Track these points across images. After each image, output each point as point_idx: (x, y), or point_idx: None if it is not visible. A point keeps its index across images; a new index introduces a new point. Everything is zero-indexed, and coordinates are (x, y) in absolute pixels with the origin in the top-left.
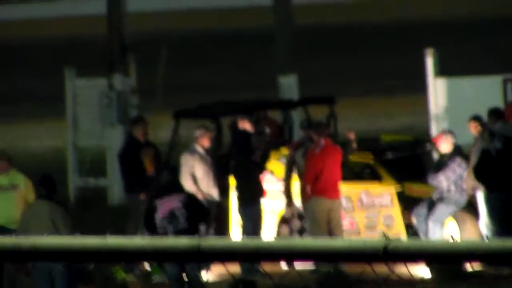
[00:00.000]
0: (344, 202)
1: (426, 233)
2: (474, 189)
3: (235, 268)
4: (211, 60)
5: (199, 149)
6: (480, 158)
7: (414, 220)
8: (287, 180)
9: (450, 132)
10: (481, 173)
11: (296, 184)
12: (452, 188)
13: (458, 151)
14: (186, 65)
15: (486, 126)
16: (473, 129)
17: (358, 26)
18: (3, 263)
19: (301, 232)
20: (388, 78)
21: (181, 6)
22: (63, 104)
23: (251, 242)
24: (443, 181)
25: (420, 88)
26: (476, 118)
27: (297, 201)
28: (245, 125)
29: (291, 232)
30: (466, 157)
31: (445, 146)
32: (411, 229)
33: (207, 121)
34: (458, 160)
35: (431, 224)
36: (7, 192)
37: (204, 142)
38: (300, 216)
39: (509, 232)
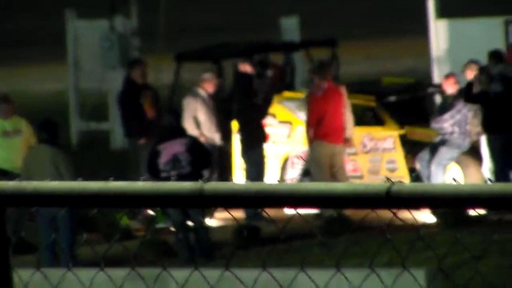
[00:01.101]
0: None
1: (429, 178)
2: (478, 134)
3: (239, 213)
4: (213, 2)
5: (202, 92)
6: (479, 101)
7: (417, 165)
8: None
9: (454, 74)
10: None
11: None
12: (456, 130)
13: (462, 93)
14: (188, 7)
15: (485, 69)
16: (470, 73)
17: None
18: (5, 208)
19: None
20: (390, 20)
21: None
22: (65, 46)
23: (254, 186)
24: (449, 120)
25: (421, 30)
26: (473, 62)
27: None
28: (246, 68)
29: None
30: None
31: (450, 88)
32: (414, 174)
33: (209, 63)
34: (463, 101)
35: (433, 168)
36: (11, 137)
37: (208, 87)
38: None
39: (509, 174)
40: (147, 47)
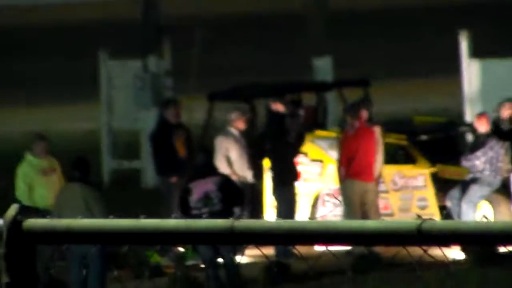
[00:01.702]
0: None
1: (459, 215)
2: (508, 171)
3: (269, 250)
4: (246, 43)
5: (234, 131)
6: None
7: (448, 203)
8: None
9: (486, 113)
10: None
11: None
12: (487, 168)
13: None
14: (221, 48)
15: None
16: (505, 111)
17: (393, 9)
18: (35, 246)
19: None
20: (422, 61)
21: None
22: (97, 86)
23: (285, 223)
24: (481, 157)
25: (454, 70)
26: (509, 100)
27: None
28: (278, 107)
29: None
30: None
31: (482, 126)
32: (445, 211)
33: (241, 103)
34: (495, 139)
35: (464, 206)
36: (49, 175)
37: (239, 125)
38: None
39: None
40: (179, 87)
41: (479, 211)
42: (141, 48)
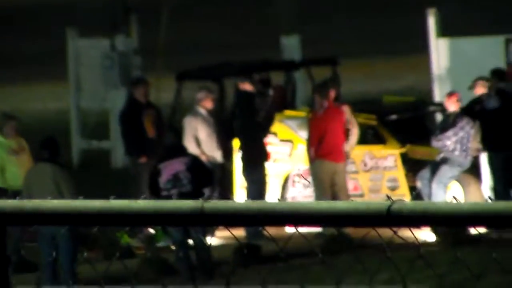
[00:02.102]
0: (347, 164)
1: (429, 196)
2: (477, 151)
3: (239, 231)
4: (213, 21)
5: (202, 111)
6: (479, 118)
7: (418, 183)
8: None
9: (457, 92)
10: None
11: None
12: (457, 148)
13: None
14: (188, 26)
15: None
16: (479, 89)
17: None
18: (5, 227)
19: None
20: (391, 39)
21: None
22: (66, 65)
23: (255, 204)
24: (451, 137)
25: (422, 49)
26: (482, 79)
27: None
28: (246, 87)
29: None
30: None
31: (452, 105)
32: (415, 192)
33: (210, 82)
34: (466, 118)
35: (434, 186)
36: (20, 155)
37: (207, 104)
38: None
39: (510, 192)
40: (148, 65)
41: (449, 192)
42: (109, 26)
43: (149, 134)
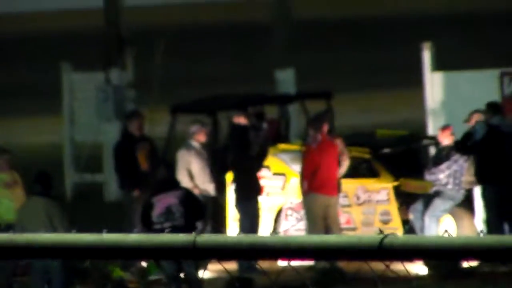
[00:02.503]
0: (340, 198)
1: (422, 229)
2: (470, 184)
3: (232, 265)
4: (208, 54)
5: (195, 144)
6: (473, 152)
7: (411, 216)
8: None
9: (450, 126)
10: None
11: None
12: (450, 182)
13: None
14: (183, 59)
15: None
16: (474, 121)
17: (355, 20)
18: None
19: None
20: (385, 73)
21: (178, 0)
22: (60, 98)
23: (246, 238)
24: (445, 171)
25: (417, 83)
26: (478, 111)
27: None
28: (240, 120)
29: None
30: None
31: (446, 139)
32: (407, 226)
33: (204, 115)
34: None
35: (427, 219)
36: (14, 188)
37: (199, 138)
38: None
39: (503, 225)
40: (142, 99)
41: (441, 225)
42: (104, 60)
43: (143, 167)
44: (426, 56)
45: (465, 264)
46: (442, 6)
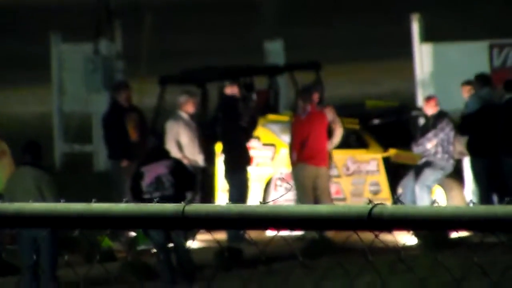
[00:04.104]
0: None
1: (414, 200)
2: (460, 154)
3: (221, 235)
4: (197, 26)
5: (184, 115)
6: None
7: (399, 190)
8: None
9: (435, 96)
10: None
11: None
12: (439, 151)
13: (444, 114)
14: (172, 31)
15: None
16: (465, 93)
17: None
18: None
19: None
20: (374, 44)
21: None
22: (49, 69)
23: (236, 208)
24: (432, 139)
25: (406, 54)
26: (466, 83)
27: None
28: (233, 91)
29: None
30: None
31: (430, 109)
32: (396, 196)
33: (193, 86)
34: (446, 120)
35: (418, 190)
36: (1, 159)
37: (188, 108)
38: None
39: (493, 197)
40: (131, 70)
41: (432, 196)
42: (93, 31)
43: (132, 137)
44: (415, 28)
45: (455, 234)
46: None
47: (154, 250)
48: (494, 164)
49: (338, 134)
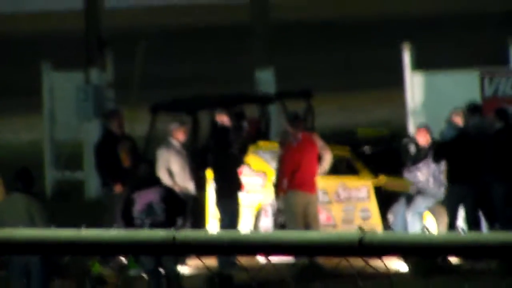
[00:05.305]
0: (321, 195)
1: (405, 228)
2: None
3: (212, 261)
4: (189, 55)
5: (175, 143)
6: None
7: (390, 217)
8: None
9: (426, 126)
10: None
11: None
12: (430, 180)
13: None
14: (163, 60)
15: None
16: (458, 120)
17: (335, 21)
18: None
19: (283, 226)
20: (365, 73)
21: (159, 1)
22: (40, 97)
23: (226, 234)
24: (422, 169)
25: (397, 82)
26: (458, 109)
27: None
28: (223, 119)
29: (275, 225)
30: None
31: (422, 139)
32: (386, 222)
33: (184, 114)
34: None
35: (409, 216)
36: None
37: (179, 136)
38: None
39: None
40: (122, 98)
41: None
42: (84, 60)
43: (125, 164)
44: (406, 56)
45: (447, 260)
46: (421, 7)
47: (145, 276)
48: (470, 191)
49: (328, 159)
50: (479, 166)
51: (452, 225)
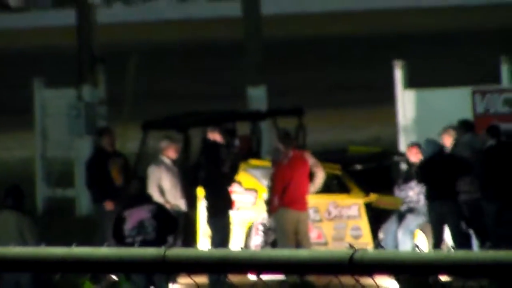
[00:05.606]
0: (312, 213)
1: (396, 246)
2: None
3: (203, 279)
4: (181, 71)
5: (166, 160)
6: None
7: (380, 235)
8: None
9: (418, 144)
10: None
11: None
12: (421, 198)
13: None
14: (155, 76)
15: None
16: (448, 138)
17: (327, 38)
18: None
19: (274, 244)
20: (357, 90)
21: (151, 17)
22: (32, 114)
23: (217, 252)
24: (414, 188)
25: (389, 100)
26: (450, 128)
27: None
28: (215, 136)
29: (265, 243)
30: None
31: (413, 157)
32: (377, 240)
33: (175, 132)
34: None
35: (400, 234)
36: None
37: (170, 153)
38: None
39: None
40: (114, 115)
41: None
42: (76, 77)
43: (116, 181)
44: (398, 74)
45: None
46: (413, 25)
47: None
48: (450, 209)
49: (320, 177)
50: (457, 183)
51: (436, 244)
